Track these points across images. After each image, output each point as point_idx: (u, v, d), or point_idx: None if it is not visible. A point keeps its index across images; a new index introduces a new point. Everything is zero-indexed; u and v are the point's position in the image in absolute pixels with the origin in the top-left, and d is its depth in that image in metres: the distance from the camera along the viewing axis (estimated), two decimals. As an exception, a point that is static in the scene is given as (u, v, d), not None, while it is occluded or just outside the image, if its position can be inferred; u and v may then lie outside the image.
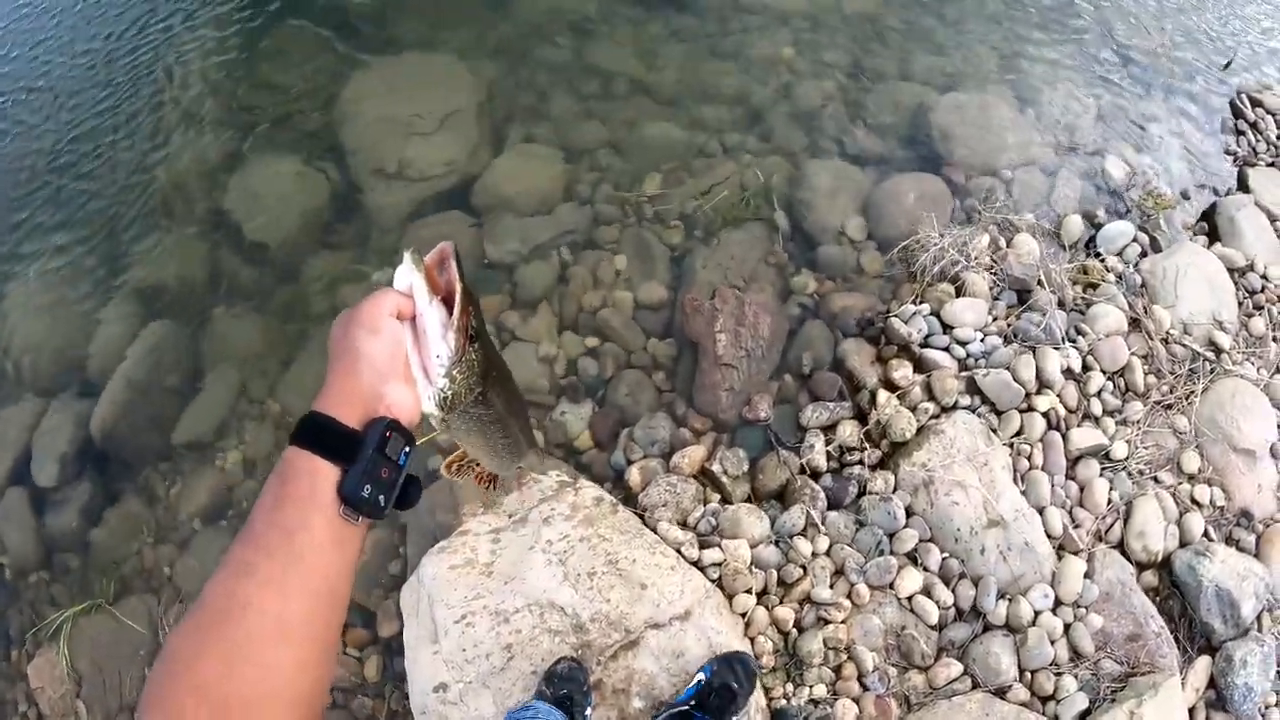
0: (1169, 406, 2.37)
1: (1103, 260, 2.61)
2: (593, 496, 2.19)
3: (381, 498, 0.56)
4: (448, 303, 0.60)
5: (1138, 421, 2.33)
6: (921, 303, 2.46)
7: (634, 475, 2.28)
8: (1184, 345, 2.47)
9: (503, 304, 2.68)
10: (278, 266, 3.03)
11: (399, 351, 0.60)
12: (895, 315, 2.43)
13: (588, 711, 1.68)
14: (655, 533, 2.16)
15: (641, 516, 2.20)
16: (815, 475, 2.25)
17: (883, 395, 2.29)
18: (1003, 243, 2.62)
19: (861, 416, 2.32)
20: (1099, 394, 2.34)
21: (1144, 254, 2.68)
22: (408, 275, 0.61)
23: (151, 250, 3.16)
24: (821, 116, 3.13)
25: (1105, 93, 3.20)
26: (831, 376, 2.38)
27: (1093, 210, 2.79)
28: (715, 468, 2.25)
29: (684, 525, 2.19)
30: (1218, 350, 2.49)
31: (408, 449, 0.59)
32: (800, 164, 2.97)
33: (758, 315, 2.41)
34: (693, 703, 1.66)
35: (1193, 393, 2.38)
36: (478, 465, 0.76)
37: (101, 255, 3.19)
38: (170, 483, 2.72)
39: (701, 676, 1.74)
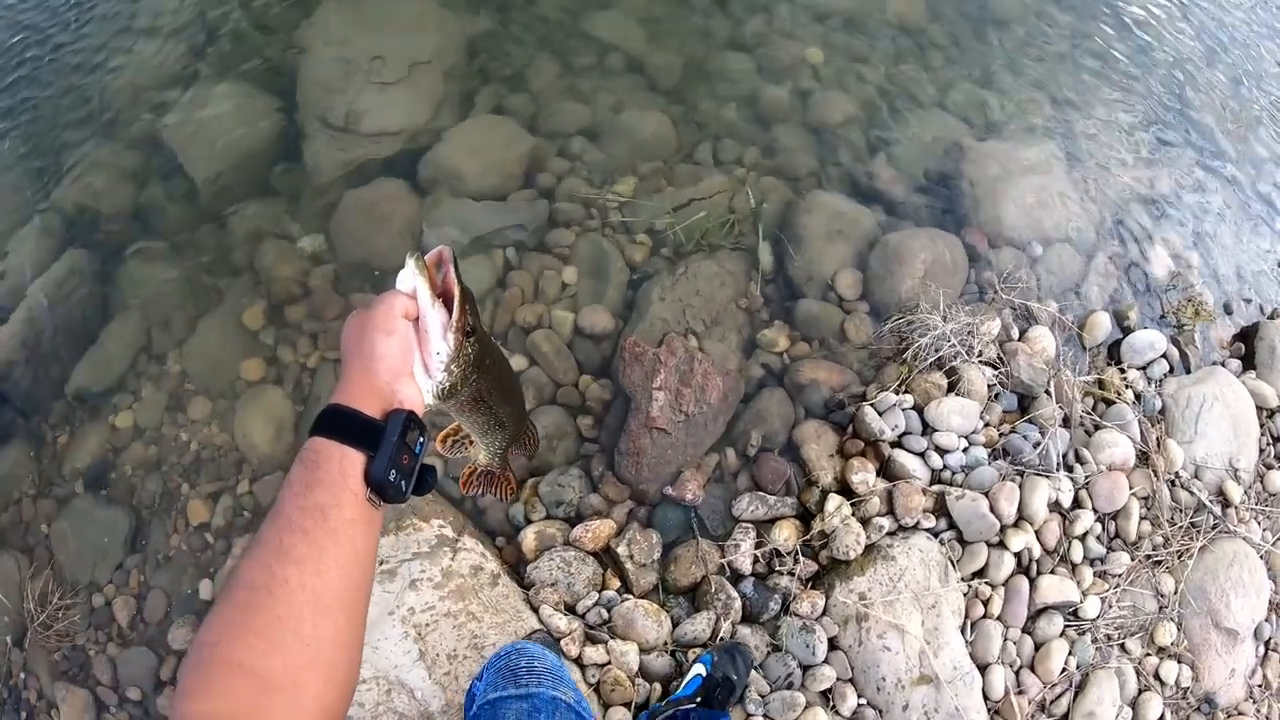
0: (1158, 563, 1.73)
1: (1124, 373, 1.89)
2: (471, 565, 1.59)
3: (403, 483, 0.53)
4: (445, 302, 0.58)
5: (1119, 576, 1.69)
6: (905, 393, 1.77)
7: (529, 539, 1.68)
8: (1191, 491, 1.80)
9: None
10: (205, 207, 2.31)
11: (410, 350, 0.57)
12: (871, 402, 1.75)
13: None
14: (537, 615, 1.57)
15: (526, 591, 1.60)
16: (735, 578, 1.64)
17: (834, 500, 1.64)
18: (1015, 332, 1.89)
19: (805, 518, 1.68)
20: (1083, 538, 1.70)
21: (1171, 371, 1.95)
22: (411, 279, 0.57)
23: (81, 167, 2.43)
24: (838, 138, 2.31)
25: (1164, 170, 2.36)
26: (779, 464, 1.72)
27: (1124, 310, 2.04)
28: (622, 550, 1.64)
29: (572, 611, 1.60)
30: (1226, 503, 1.83)
31: (422, 439, 0.56)
32: (802, 191, 2.18)
33: (707, 376, 1.72)
34: (698, 699, 1.39)
35: (1188, 550, 1.73)
36: (470, 441, 0.73)
37: (29, 168, 2.44)
38: (59, 433, 2.12)
39: (701, 669, 1.48)
